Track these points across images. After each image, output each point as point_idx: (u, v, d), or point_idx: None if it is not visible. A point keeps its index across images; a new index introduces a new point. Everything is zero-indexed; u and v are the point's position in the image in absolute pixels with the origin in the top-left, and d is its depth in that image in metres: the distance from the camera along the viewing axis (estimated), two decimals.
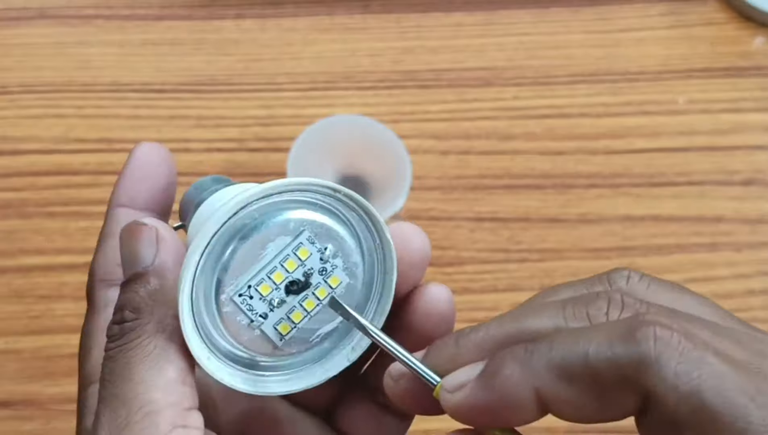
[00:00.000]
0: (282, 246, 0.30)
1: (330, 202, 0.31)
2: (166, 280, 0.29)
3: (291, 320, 0.30)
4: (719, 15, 0.64)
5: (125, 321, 0.29)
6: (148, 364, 0.28)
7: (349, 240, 0.31)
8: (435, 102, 0.61)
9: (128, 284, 0.29)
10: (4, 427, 0.53)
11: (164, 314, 0.29)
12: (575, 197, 0.58)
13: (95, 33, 0.64)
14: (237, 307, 0.30)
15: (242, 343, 0.30)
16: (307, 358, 0.31)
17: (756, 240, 0.57)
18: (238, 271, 0.30)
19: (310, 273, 0.30)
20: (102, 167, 0.59)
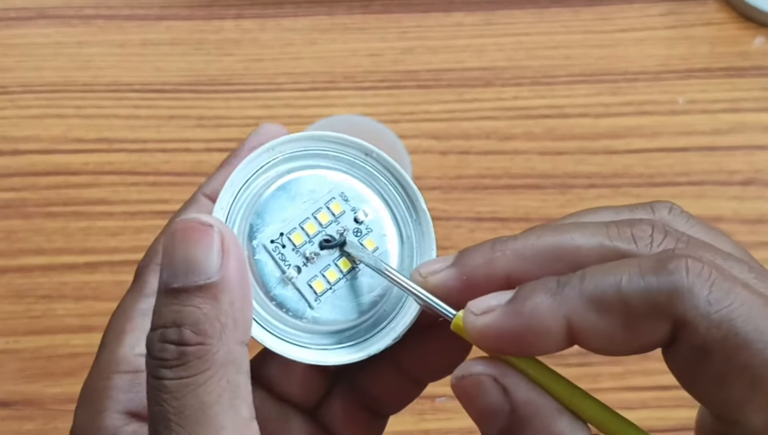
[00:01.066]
0: (314, 198, 0.30)
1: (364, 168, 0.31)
2: (234, 297, 0.26)
3: (326, 279, 0.29)
4: (719, 15, 0.64)
5: (186, 343, 0.25)
6: (224, 404, 0.25)
7: (382, 206, 0.31)
8: (435, 102, 0.61)
9: (185, 295, 0.25)
10: (4, 427, 0.53)
11: (233, 340, 0.25)
12: (575, 197, 0.59)
13: (95, 33, 0.64)
14: (269, 255, 0.29)
15: (274, 301, 0.29)
16: (345, 333, 0.30)
17: (755, 240, 0.57)
18: (270, 218, 0.29)
19: (344, 231, 0.30)
20: (102, 167, 0.59)
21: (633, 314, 0.25)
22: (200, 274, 0.25)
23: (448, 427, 0.53)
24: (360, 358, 0.29)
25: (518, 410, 0.26)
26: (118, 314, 0.31)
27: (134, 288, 0.31)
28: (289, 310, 0.29)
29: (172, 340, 0.25)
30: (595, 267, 0.26)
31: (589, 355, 0.58)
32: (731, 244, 0.28)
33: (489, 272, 0.27)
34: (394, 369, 0.32)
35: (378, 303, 0.30)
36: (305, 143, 0.30)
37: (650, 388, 0.54)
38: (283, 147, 0.30)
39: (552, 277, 0.26)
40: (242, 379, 0.26)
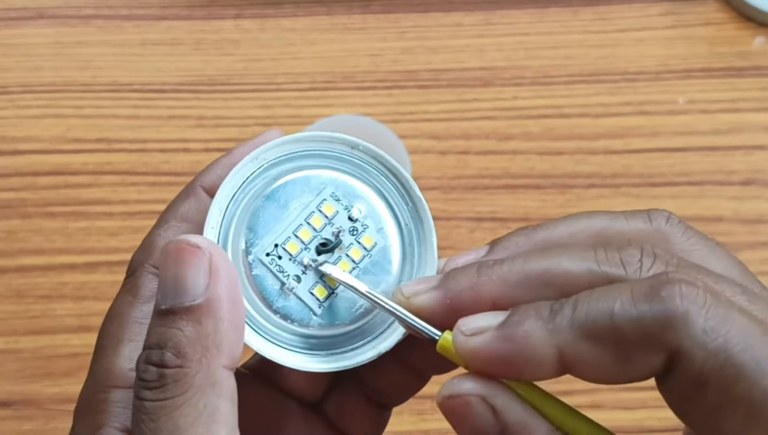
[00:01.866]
0: (305, 203, 0.29)
1: (352, 162, 0.30)
2: (219, 320, 0.25)
3: (327, 284, 0.29)
4: (718, 15, 0.64)
5: (166, 366, 0.25)
6: (199, 429, 0.25)
7: (377, 201, 0.30)
8: (434, 102, 0.61)
9: (171, 317, 0.25)
10: (4, 427, 0.53)
11: (215, 364, 0.25)
12: (574, 197, 0.59)
13: (95, 33, 0.64)
14: (266, 268, 0.29)
15: (278, 313, 0.29)
16: (354, 333, 0.30)
17: (755, 240, 0.57)
18: (263, 231, 0.29)
19: (340, 231, 0.29)
20: (101, 167, 0.59)
21: (626, 344, 0.25)
22: (186, 296, 0.25)
23: (448, 427, 0.53)
24: (373, 356, 0.29)
25: (508, 432, 0.26)
26: (112, 318, 0.30)
27: (128, 289, 0.30)
28: (294, 320, 0.29)
29: (154, 361, 0.25)
30: (586, 293, 0.25)
31: None
32: (727, 258, 0.28)
33: (475, 297, 0.27)
34: (398, 363, 0.32)
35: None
36: (288, 147, 0.30)
37: (650, 388, 0.53)
38: (266, 154, 0.29)
39: (544, 303, 0.26)
40: (223, 403, 0.25)
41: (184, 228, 0.30)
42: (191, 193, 0.31)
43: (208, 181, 0.31)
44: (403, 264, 0.30)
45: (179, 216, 0.31)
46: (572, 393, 0.55)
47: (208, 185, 0.31)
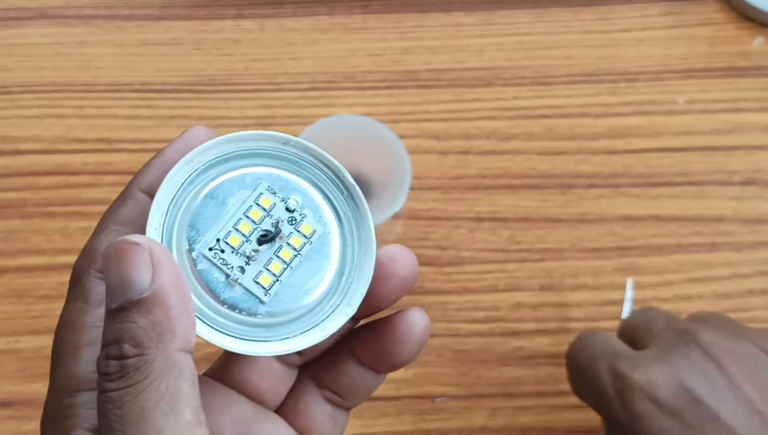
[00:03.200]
0: (243, 199, 0.30)
1: (285, 157, 0.31)
2: (169, 308, 0.27)
3: (271, 272, 0.30)
4: (719, 15, 0.64)
5: (125, 356, 0.26)
6: (164, 408, 0.26)
7: (312, 191, 0.31)
8: (435, 102, 0.61)
9: (123, 313, 0.27)
10: (4, 427, 0.53)
11: (171, 348, 0.26)
12: (575, 197, 0.59)
13: (95, 33, 0.64)
14: (210, 262, 0.30)
15: (225, 304, 0.30)
16: (303, 319, 0.31)
17: (755, 240, 0.57)
18: (204, 227, 0.30)
19: (278, 222, 0.31)
20: (102, 167, 0.59)
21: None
22: (133, 291, 0.26)
23: (448, 427, 0.53)
24: (321, 337, 0.30)
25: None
26: (65, 328, 0.31)
27: (77, 296, 0.31)
28: (243, 310, 0.30)
29: (114, 355, 0.26)
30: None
31: None
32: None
33: None
34: (353, 361, 0.33)
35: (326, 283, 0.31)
36: (222, 148, 0.31)
37: None
38: (201, 156, 0.30)
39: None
40: (184, 384, 0.26)
41: (124, 231, 0.31)
42: (129, 196, 0.32)
43: (144, 183, 0.32)
44: (343, 248, 0.31)
45: (119, 220, 0.32)
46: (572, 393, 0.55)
47: (146, 187, 0.32)
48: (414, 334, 0.32)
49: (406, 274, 0.31)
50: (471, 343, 0.55)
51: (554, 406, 0.54)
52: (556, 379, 0.54)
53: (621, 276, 0.56)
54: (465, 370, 0.54)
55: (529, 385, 0.54)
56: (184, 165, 0.30)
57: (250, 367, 0.33)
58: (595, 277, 0.56)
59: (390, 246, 0.32)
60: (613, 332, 0.47)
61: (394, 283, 0.31)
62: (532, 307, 0.56)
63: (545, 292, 0.56)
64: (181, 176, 0.30)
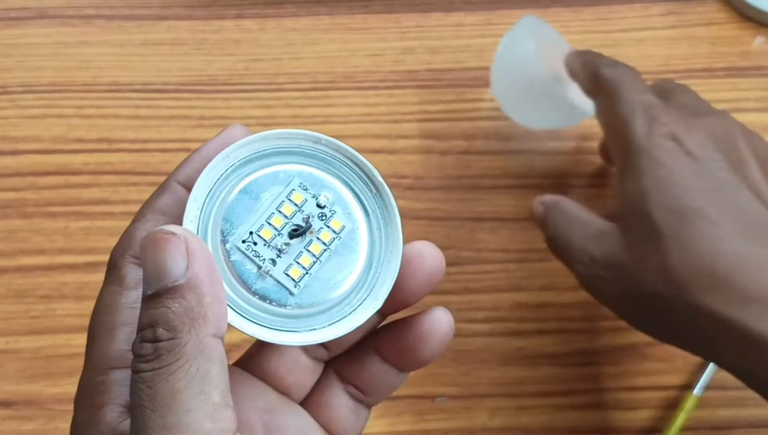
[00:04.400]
0: (276, 194, 0.32)
1: (316, 155, 0.33)
2: (202, 295, 0.28)
3: (301, 265, 0.32)
4: (719, 15, 0.64)
5: (159, 340, 0.27)
6: (194, 389, 0.27)
7: (342, 188, 0.33)
8: (435, 102, 0.61)
9: (158, 299, 0.28)
10: (4, 427, 0.53)
11: (203, 333, 0.28)
12: (575, 197, 0.58)
13: (96, 33, 0.64)
14: (243, 254, 0.31)
15: (256, 295, 0.31)
16: (331, 312, 0.32)
17: None
18: (238, 221, 0.31)
19: (309, 217, 0.32)
20: (102, 167, 0.59)
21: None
22: (168, 278, 0.28)
23: (448, 427, 0.53)
24: (348, 330, 0.31)
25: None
26: (101, 310, 0.32)
27: (113, 280, 0.32)
28: (273, 301, 0.31)
29: (148, 339, 0.28)
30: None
31: (588, 355, 0.59)
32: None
33: None
34: (377, 357, 0.34)
35: (354, 277, 0.32)
36: (257, 145, 0.33)
37: (650, 388, 0.54)
38: (237, 153, 0.32)
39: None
40: (214, 367, 0.28)
41: (161, 221, 0.32)
42: (167, 189, 0.33)
43: (182, 177, 0.33)
44: (371, 244, 0.32)
45: (156, 210, 0.33)
46: (572, 393, 0.55)
47: (183, 180, 0.33)
48: (438, 332, 0.33)
49: (433, 269, 0.33)
50: (471, 343, 0.55)
51: (555, 406, 0.54)
52: (557, 379, 0.54)
53: None
54: (465, 370, 0.54)
55: (529, 385, 0.54)
56: (221, 160, 0.32)
57: (279, 359, 0.34)
58: None
59: (417, 242, 0.33)
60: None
61: (421, 278, 0.32)
62: (532, 307, 0.56)
63: (545, 292, 0.56)
64: (218, 171, 0.32)
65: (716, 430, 0.53)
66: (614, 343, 0.55)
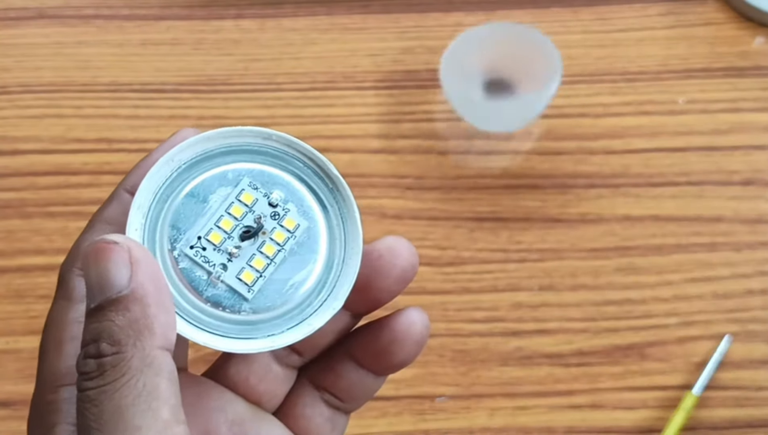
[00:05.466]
0: (224, 195, 0.30)
1: (268, 152, 0.31)
2: (147, 305, 0.27)
3: (254, 268, 0.30)
4: (719, 15, 0.64)
5: (103, 355, 0.26)
6: (141, 406, 0.26)
7: (297, 184, 0.31)
8: (435, 102, 0.61)
9: (101, 312, 0.26)
10: (4, 427, 0.53)
11: (149, 345, 0.26)
12: (574, 197, 0.59)
13: (95, 33, 0.64)
14: (191, 261, 0.30)
15: (209, 302, 0.30)
16: (290, 315, 0.30)
17: (755, 240, 0.57)
18: (185, 226, 0.30)
19: (261, 218, 0.30)
20: (101, 167, 0.59)
21: None
22: (111, 289, 0.26)
23: (448, 427, 0.53)
24: (308, 332, 0.30)
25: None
26: (50, 325, 0.31)
27: (61, 295, 0.31)
28: (226, 307, 0.30)
29: (91, 354, 0.26)
30: None
31: (589, 355, 0.59)
32: None
33: None
34: (352, 363, 0.33)
35: (313, 277, 0.31)
36: (202, 145, 0.31)
37: (650, 388, 0.54)
38: (181, 155, 0.30)
39: None
40: (162, 381, 0.26)
41: (109, 230, 0.31)
42: (115, 198, 0.32)
43: (129, 183, 0.32)
44: (330, 242, 0.31)
45: (104, 220, 0.31)
46: (572, 393, 0.55)
47: (130, 187, 0.32)
48: (413, 333, 0.32)
49: (406, 265, 0.31)
50: (471, 343, 0.55)
51: (554, 406, 0.54)
52: (555, 379, 0.54)
53: (621, 276, 0.56)
54: (465, 370, 0.54)
55: (528, 385, 0.54)
56: (164, 164, 0.30)
57: (248, 368, 0.33)
58: (594, 277, 0.56)
59: (389, 237, 0.31)
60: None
61: (394, 274, 0.31)
62: (531, 307, 0.56)
63: (545, 292, 0.56)
64: (162, 176, 0.30)
65: (716, 430, 0.53)
66: (614, 343, 0.55)
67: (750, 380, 0.54)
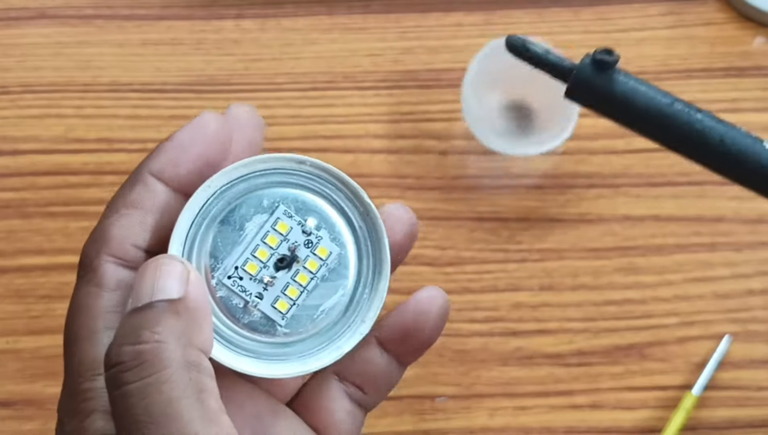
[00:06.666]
0: (260, 224, 0.31)
1: (302, 176, 0.32)
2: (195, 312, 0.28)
3: (288, 297, 0.31)
4: (719, 15, 0.64)
5: (143, 342, 0.26)
6: (191, 398, 0.26)
7: (329, 210, 0.32)
8: (435, 102, 0.61)
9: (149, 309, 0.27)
10: (4, 427, 0.53)
11: (193, 345, 0.27)
12: (575, 197, 0.59)
13: (95, 33, 0.64)
14: (229, 290, 0.31)
15: (245, 327, 0.31)
16: (320, 337, 0.32)
17: (756, 240, 0.57)
18: (222, 255, 0.31)
19: (295, 247, 0.31)
20: (102, 167, 0.59)
21: None
22: (164, 294, 0.27)
23: (448, 427, 0.53)
24: (337, 357, 0.31)
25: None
26: (80, 312, 0.30)
27: (89, 280, 0.30)
28: (261, 332, 0.31)
29: (130, 341, 0.26)
30: None
31: (589, 355, 0.59)
32: None
33: None
34: (378, 348, 0.33)
35: (343, 302, 0.32)
36: (238, 171, 0.31)
37: (650, 388, 0.54)
38: (218, 181, 0.31)
39: None
40: (206, 378, 0.27)
41: (135, 215, 0.31)
42: (139, 180, 0.31)
43: (155, 168, 0.31)
44: (359, 266, 0.32)
45: (129, 203, 0.31)
46: (572, 393, 0.55)
47: (156, 171, 0.31)
48: (435, 306, 0.33)
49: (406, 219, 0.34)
50: (471, 343, 0.55)
51: (554, 406, 0.54)
52: (555, 379, 0.54)
53: (621, 276, 0.56)
54: (465, 370, 0.54)
55: (529, 385, 0.54)
56: (201, 191, 0.31)
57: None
58: (594, 277, 0.56)
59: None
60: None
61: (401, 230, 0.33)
62: (532, 307, 0.56)
63: (545, 292, 0.56)
64: (199, 203, 0.31)
65: (716, 430, 0.53)
66: (614, 343, 0.55)
67: (750, 380, 0.54)
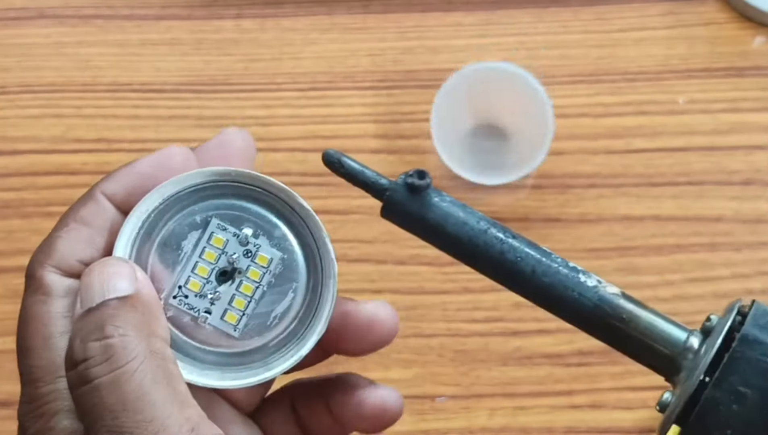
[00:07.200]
0: (195, 240, 0.31)
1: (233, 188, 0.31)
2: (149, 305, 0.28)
3: (236, 308, 0.31)
4: (719, 15, 0.64)
5: (108, 337, 0.27)
6: (162, 383, 0.26)
7: (268, 216, 0.31)
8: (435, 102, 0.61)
9: (104, 307, 0.28)
10: (4, 427, 0.53)
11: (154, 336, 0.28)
12: (575, 197, 0.58)
13: (95, 33, 0.64)
14: (177, 309, 0.31)
15: (202, 341, 0.31)
16: (278, 343, 0.32)
17: (755, 240, 0.57)
18: (163, 276, 0.31)
19: (234, 259, 0.31)
20: (101, 167, 0.59)
21: None
22: (116, 293, 0.28)
23: (447, 427, 0.53)
24: (295, 360, 0.31)
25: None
26: (31, 320, 0.31)
27: (36, 289, 0.31)
28: (216, 344, 0.31)
29: (93, 338, 0.27)
30: None
31: (589, 355, 0.59)
32: None
33: None
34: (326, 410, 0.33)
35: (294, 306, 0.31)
36: (165, 190, 0.31)
37: (650, 388, 0.54)
38: (147, 205, 0.31)
39: None
40: (171, 365, 0.27)
41: (83, 231, 0.31)
42: (91, 198, 0.32)
43: (109, 189, 0.32)
44: (307, 269, 0.32)
45: (79, 219, 0.31)
46: (571, 393, 0.55)
47: (109, 193, 0.31)
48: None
49: (385, 334, 0.32)
50: (471, 343, 0.55)
51: (553, 406, 0.54)
52: (555, 379, 0.54)
53: (621, 276, 0.56)
54: (465, 370, 0.54)
55: (528, 385, 0.54)
56: (133, 217, 0.31)
57: None
58: None
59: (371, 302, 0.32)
60: None
61: (371, 341, 0.32)
62: (531, 307, 0.55)
63: None
64: (134, 226, 0.31)
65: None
66: None
67: None
